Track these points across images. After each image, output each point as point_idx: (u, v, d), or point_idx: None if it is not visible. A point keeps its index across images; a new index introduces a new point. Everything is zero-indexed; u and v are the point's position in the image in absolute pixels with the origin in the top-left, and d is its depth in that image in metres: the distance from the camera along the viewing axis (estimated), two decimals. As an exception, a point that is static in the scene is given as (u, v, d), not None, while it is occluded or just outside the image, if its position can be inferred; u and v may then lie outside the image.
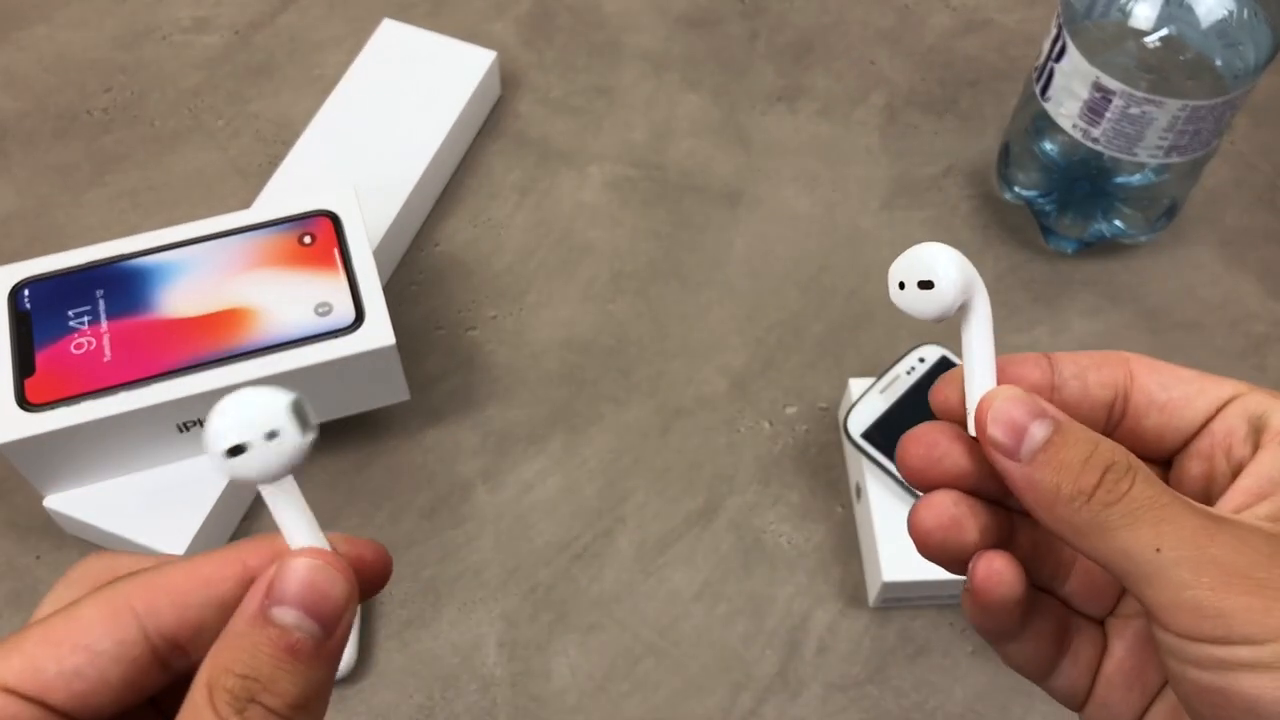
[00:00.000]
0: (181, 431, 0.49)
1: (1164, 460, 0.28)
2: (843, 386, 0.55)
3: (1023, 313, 0.60)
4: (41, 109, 0.66)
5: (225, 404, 0.22)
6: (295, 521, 0.23)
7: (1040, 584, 0.29)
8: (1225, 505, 0.25)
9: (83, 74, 0.67)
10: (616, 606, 0.51)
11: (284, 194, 0.59)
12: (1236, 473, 0.25)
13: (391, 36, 0.65)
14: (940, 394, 0.27)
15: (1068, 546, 0.24)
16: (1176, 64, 0.52)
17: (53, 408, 0.47)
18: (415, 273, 0.60)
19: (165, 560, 0.24)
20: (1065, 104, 0.54)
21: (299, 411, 0.22)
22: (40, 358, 0.48)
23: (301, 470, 0.22)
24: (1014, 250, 0.62)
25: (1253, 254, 0.62)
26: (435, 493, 0.53)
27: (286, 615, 0.22)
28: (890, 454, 0.50)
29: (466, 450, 0.54)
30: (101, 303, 0.50)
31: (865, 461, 0.51)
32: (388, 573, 0.25)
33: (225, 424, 0.22)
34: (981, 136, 0.66)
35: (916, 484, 0.27)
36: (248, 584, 0.23)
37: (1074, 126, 0.55)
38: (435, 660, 0.49)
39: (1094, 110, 0.53)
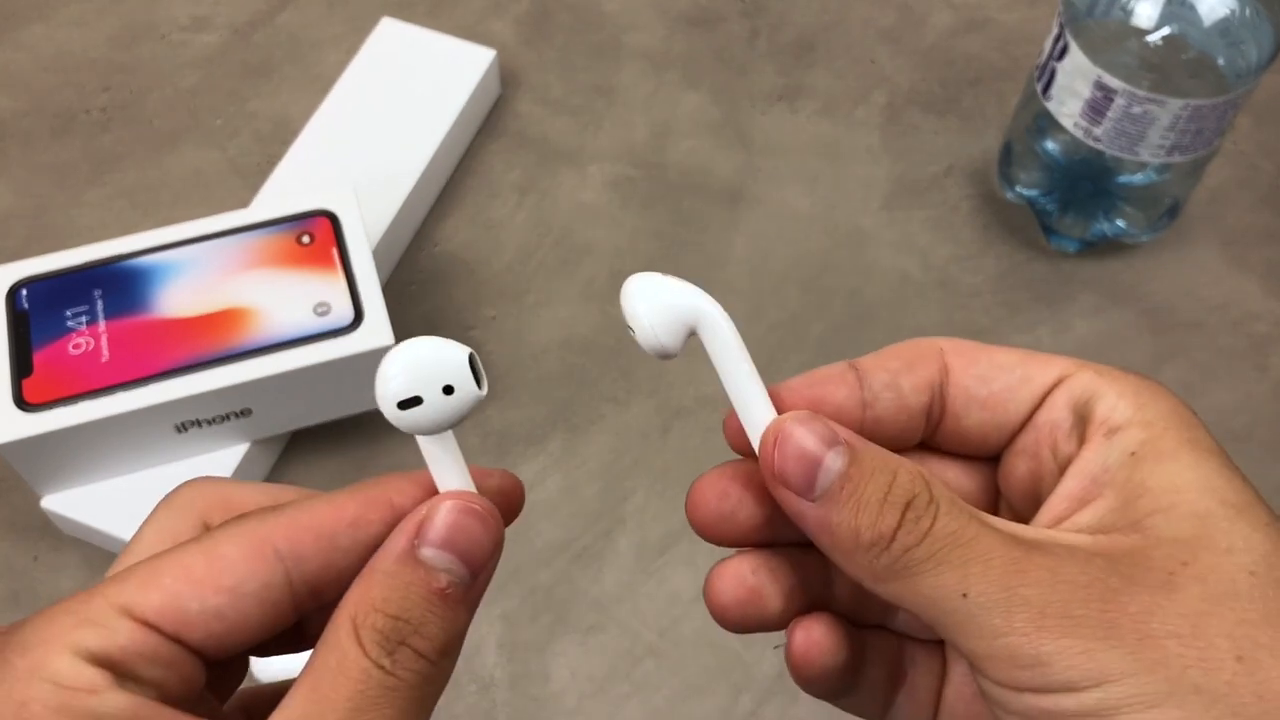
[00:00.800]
0: (180, 431, 0.49)
1: (993, 456, 0.26)
2: (843, 387, 0.55)
3: (1024, 313, 0.59)
4: (40, 108, 0.66)
5: (401, 354, 0.21)
6: (450, 470, 0.23)
7: (869, 622, 0.27)
8: (1046, 514, 0.23)
9: (81, 73, 0.67)
10: (616, 608, 0.51)
11: (282, 193, 0.59)
12: (1064, 469, 0.23)
13: (390, 35, 0.65)
14: (733, 425, 0.24)
15: (871, 593, 0.22)
16: (1178, 63, 0.52)
17: (50, 408, 0.47)
18: (414, 273, 0.60)
19: (305, 495, 0.23)
20: (1067, 103, 0.54)
21: (474, 367, 0.22)
22: (38, 358, 0.48)
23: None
24: (1015, 250, 0.62)
25: (1255, 254, 0.62)
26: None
27: (437, 557, 0.21)
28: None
29: (466, 450, 0.54)
30: (99, 302, 0.50)
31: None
32: (521, 503, 0.25)
33: (401, 376, 0.21)
34: (983, 136, 0.66)
35: (711, 540, 0.25)
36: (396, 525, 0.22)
37: (1076, 125, 0.54)
38: (434, 661, 0.49)
39: (1096, 109, 0.53)
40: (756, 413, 0.23)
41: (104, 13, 0.70)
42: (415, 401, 0.21)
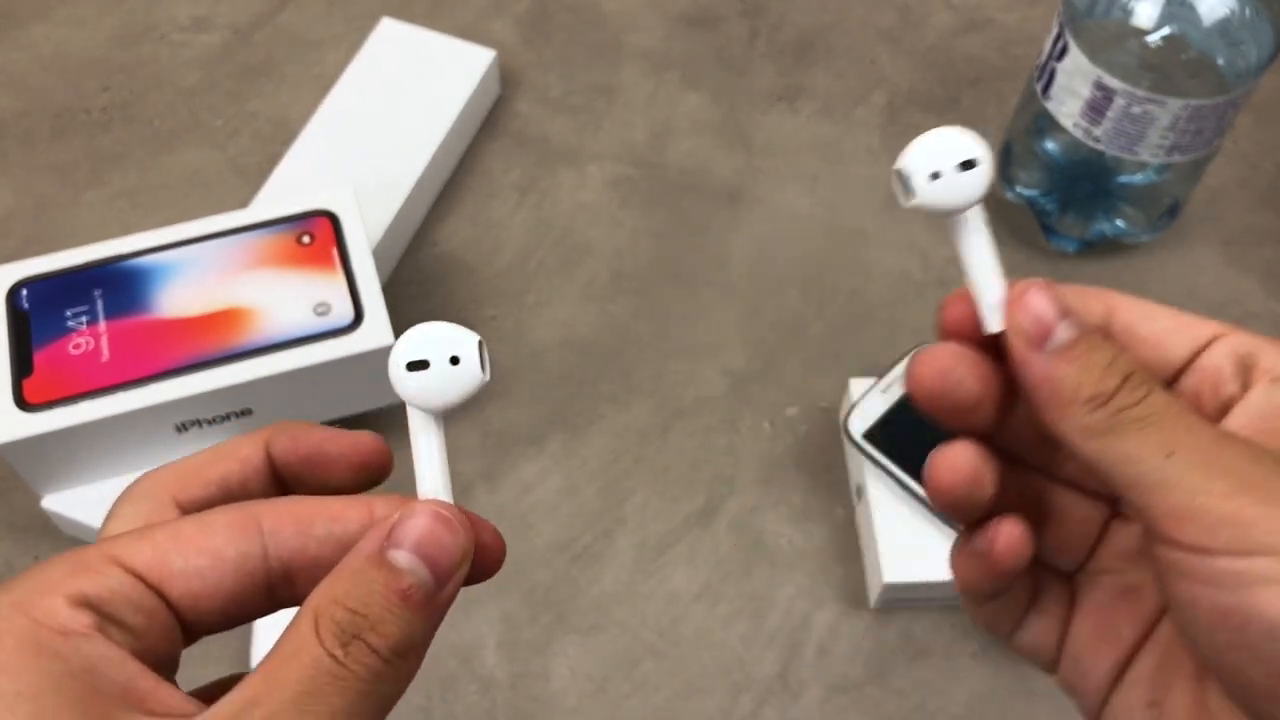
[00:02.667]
0: (180, 431, 0.49)
1: None
2: (843, 387, 0.55)
3: (1024, 312, 0.59)
4: (40, 108, 0.66)
5: (418, 326, 0.24)
6: (431, 468, 0.24)
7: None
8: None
9: (81, 73, 0.67)
10: (616, 607, 0.51)
11: (282, 193, 0.59)
12: (1225, 411, 0.24)
13: (390, 35, 0.65)
14: (954, 307, 0.26)
15: (1071, 451, 0.23)
16: (1178, 63, 0.52)
17: (51, 408, 0.47)
18: (414, 272, 0.60)
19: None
20: (1067, 103, 0.54)
21: (482, 352, 0.24)
22: (38, 358, 0.48)
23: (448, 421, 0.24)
24: (1015, 250, 0.62)
25: (1255, 253, 0.62)
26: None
27: (403, 559, 0.22)
28: (892, 455, 0.50)
29: (466, 450, 0.54)
30: (100, 302, 0.50)
31: (866, 462, 0.51)
32: (499, 562, 0.25)
33: (414, 339, 0.23)
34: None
35: (926, 407, 0.26)
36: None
37: (1075, 126, 0.54)
38: (434, 661, 0.49)
39: (1096, 109, 0.53)
40: (999, 281, 0.25)
41: (104, 13, 0.70)
42: (422, 365, 0.23)
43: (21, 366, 0.48)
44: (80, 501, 0.49)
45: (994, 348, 0.25)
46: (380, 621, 0.21)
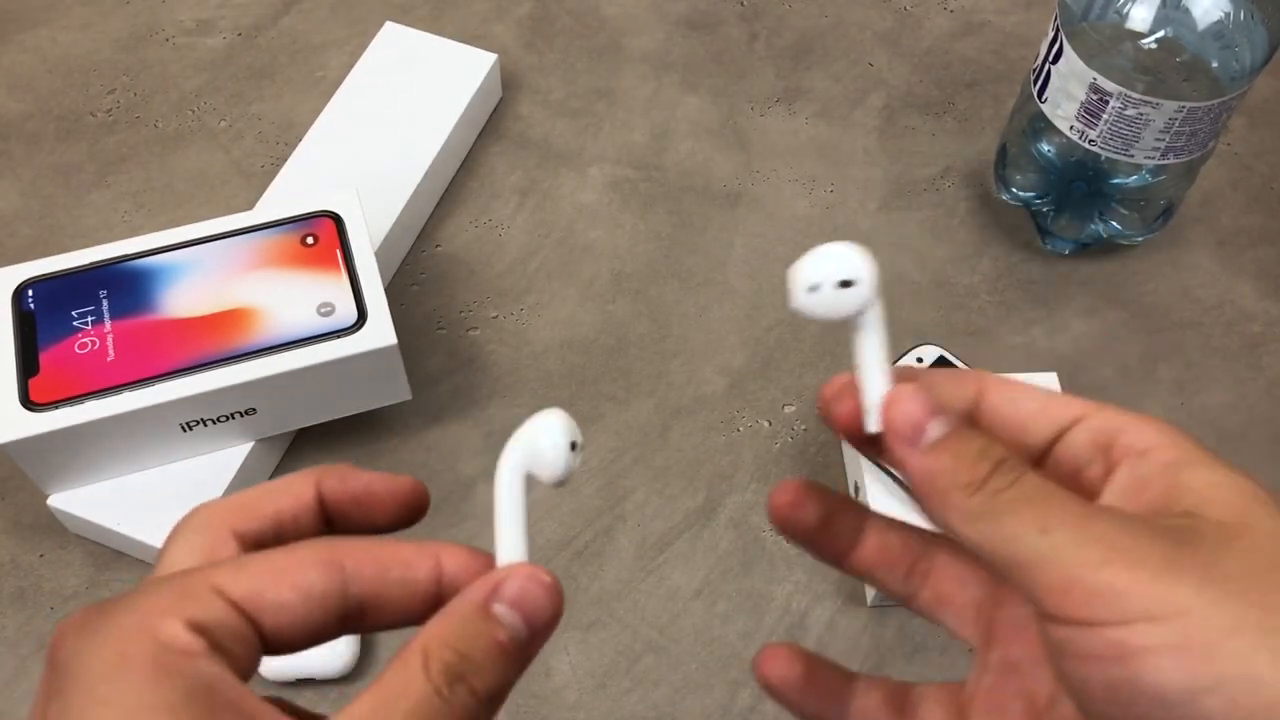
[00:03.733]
0: (185, 431, 0.49)
1: None
2: (841, 386, 0.56)
3: (1020, 313, 0.60)
4: (45, 110, 0.66)
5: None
6: (514, 529, 0.26)
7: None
8: None
9: (86, 75, 0.68)
10: (616, 604, 0.51)
11: (286, 195, 0.59)
12: (1090, 496, 0.25)
13: (393, 39, 0.66)
14: (844, 404, 0.28)
15: (956, 540, 0.25)
16: (1173, 66, 0.52)
17: (56, 407, 0.47)
18: (417, 273, 0.61)
19: (378, 540, 0.26)
20: (1062, 105, 0.55)
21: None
22: (44, 357, 0.48)
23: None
24: (1011, 251, 0.62)
25: (1249, 254, 0.63)
26: (437, 492, 0.53)
27: (505, 614, 0.24)
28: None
29: (468, 449, 0.55)
30: (105, 303, 0.50)
31: (863, 460, 0.51)
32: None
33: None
34: (979, 138, 0.67)
35: (782, 533, 0.30)
36: (437, 579, 0.25)
37: (1071, 128, 0.55)
38: (437, 658, 0.49)
39: (1091, 112, 0.54)
40: (884, 381, 0.27)
41: (109, 16, 0.71)
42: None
43: (27, 366, 0.48)
44: (86, 500, 0.50)
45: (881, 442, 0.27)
46: (481, 667, 0.23)
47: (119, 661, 0.21)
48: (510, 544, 0.26)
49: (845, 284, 0.26)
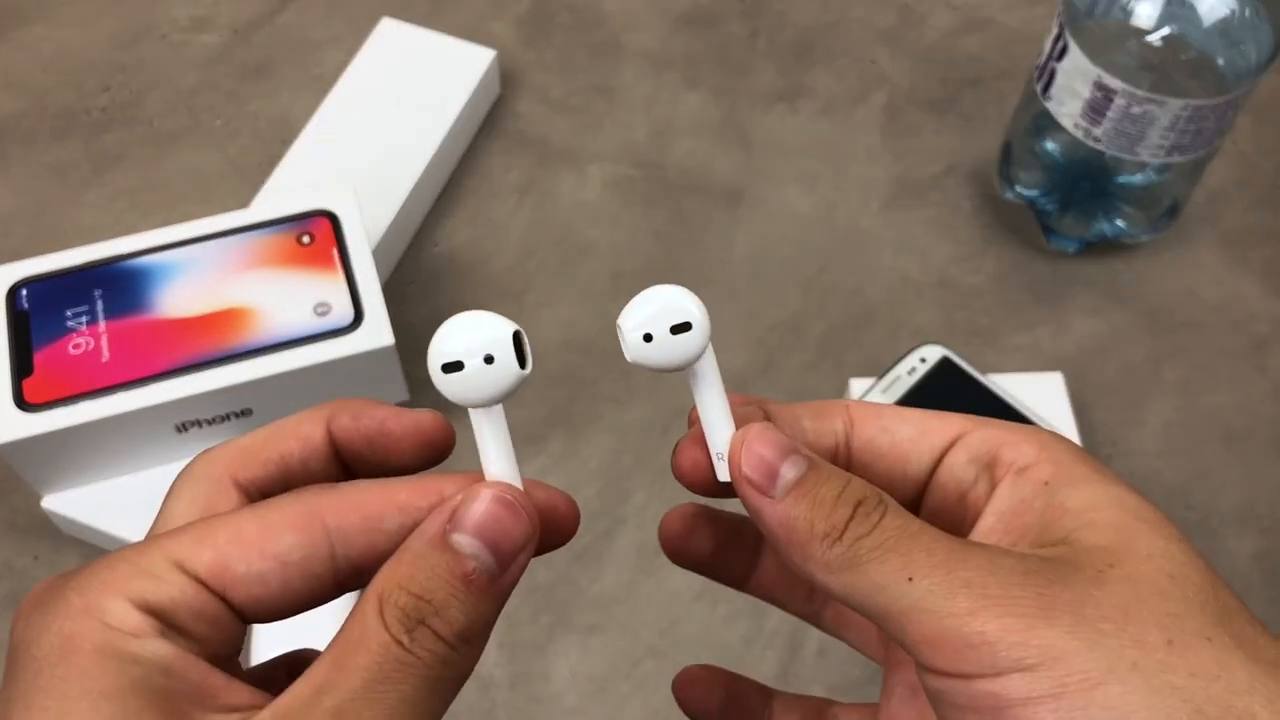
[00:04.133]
0: (180, 431, 0.49)
1: (908, 504, 0.26)
2: (844, 386, 0.55)
3: (1024, 313, 0.59)
4: (40, 108, 0.66)
5: (451, 322, 0.23)
6: (496, 452, 0.24)
7: (793, 610, 0.30)
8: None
9: (81, 73, 0.67)
10: (616, 608, 0.51)
11: (283, 194, 0.59)
12: (976, 516, 0.24)
13: (390, 35, 0.65)
14: (687, 456, 0.25)
15: (821, 590, 0.23)
16: (1178, 63, 0.52)
17: (51, 408, 0.47)
18: (414, 272, 0.60)
19: (359, 484, 0.24)
20: (1067, 103, 0.54)
21: (519, 344, 0.23)
22: (38, 358, 0.48)
23: (509, 402, 0.24)
24: (1015, 250, 0.62)
25: (1255, 253, 0.62)
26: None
27: (466, 543, 0.22)
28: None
29: (466, 449, 0.54)
30: (100, 303, 0.50)
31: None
32: (574, 528, 0.26)
33: (445, 341, 0.23)
34: (983, 136, 0.66)
35: (677, 563, 0.29)
36: None
37: (1075, 126, 0.54)
38: (434, 661, 0.49)
39: (1096, 109, 0.53)
40: (727, 426, 0.25)
41: (105, 13, 0.70)
42: (457, 366, 0.23)
43: (21, 366, 0.48)
44: (80, 501, 0.49)
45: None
46: (445, 606, 0.21)
47: (63, 645, 0.20)
48: (494, 465, 0.24)
49: (681, 328, 0.24)
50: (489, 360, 0.23)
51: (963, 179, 0.65)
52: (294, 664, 0.27)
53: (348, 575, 0.23)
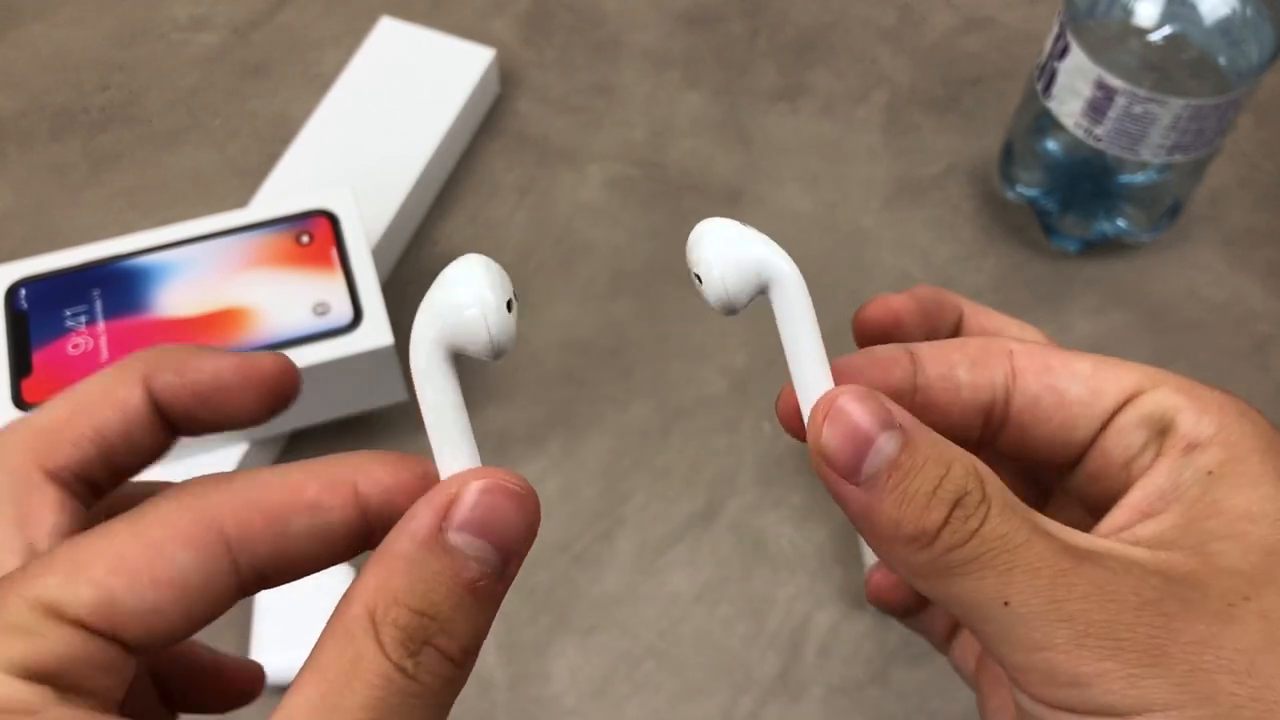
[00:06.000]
0: (178, 432, 0.49)
1: (1067, 465, 0.24)
2: (844, 387, 0.55)
3: (1025, 313, 0.59)
4: (38, 107, 0.66)
5: (476, 263, 0.20)
6: (452, 425, 0.20)
7: None
8: (1108, 523, 0.21)
9: (80, 72, 0.67)
10: (616, 609, 0.50)
11: (281, 193, 0.59)
12: (1134, 483, 0.22)
13: (389, 34, 0.65)
14: (787, 403, 0.23)
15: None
16: (1180, 62, 0.52)
17: (48, 408, 0.46)
18: (414, 272, 0.60)
19: (254, 471, 0.20)
20: (1068, 103, 0.54)
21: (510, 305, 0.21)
22: (37, 358, 0.48)
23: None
24: (1016, 249, 0.62)
25: (1257, 254, 0.62)
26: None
27: (467, 543, 0.19)
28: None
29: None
30: (98, 302, 0.49)
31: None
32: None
33: (484, 279, 0.21)
34: (983, 135, 0.66)
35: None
36: (361, 513, 0.20)
37: (1076, 125, 0.54)
38: (434, 662, 0.49)
39: (1097, 109, 0.53)
40: (813, 382, 0.21)
41: (103, 12, 0.70)
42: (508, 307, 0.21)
43: (20, 367, 0.47)
44: (78, 502, 0.49)
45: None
46: (451, 621, 0.18)
47: None
48: (452, 448, 0.20)
49: (698, 277, 0.21)
50: (509, 307, 0.21)
51: (963, 179, 0.64)
52: (163, 676, 0.23)
53: (251, 583, 0.19)
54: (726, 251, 0.21)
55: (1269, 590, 0.19)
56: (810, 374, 0.22)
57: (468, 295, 0.21)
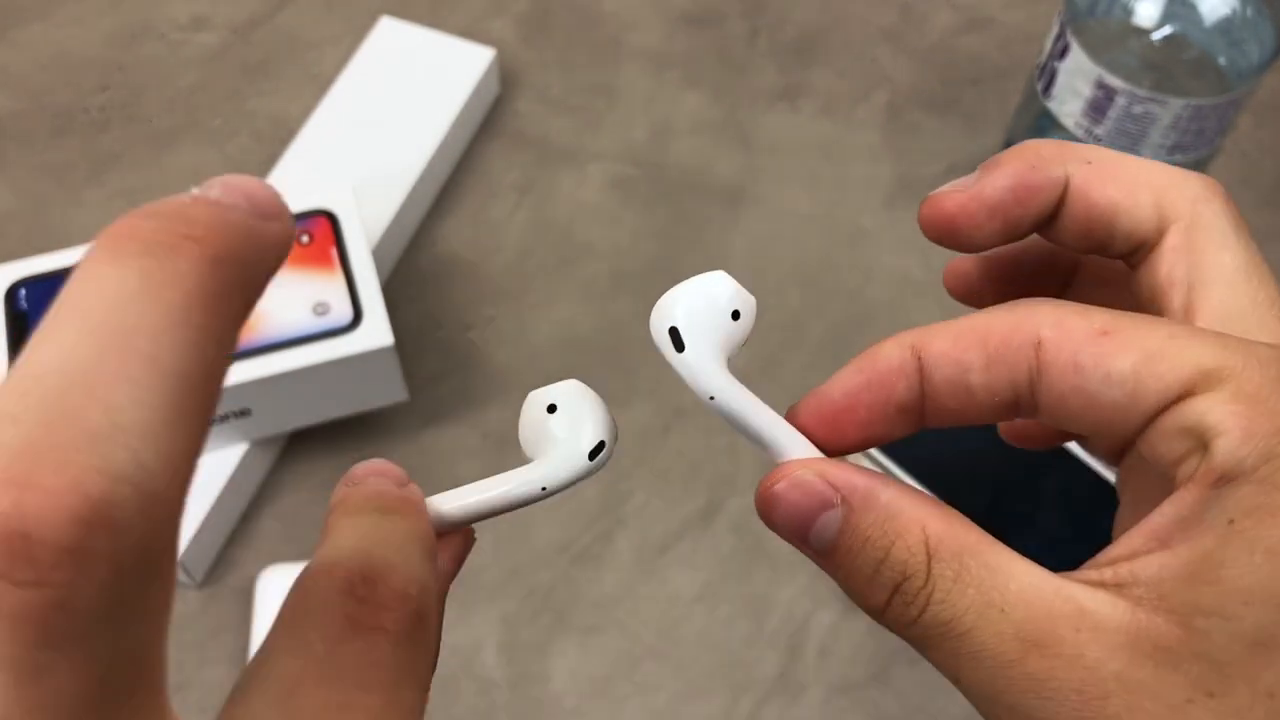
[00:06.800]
0: (178, 432, 0.49)
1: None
2: (844, 387, 0.55)
3: (1025, 312, 0.59)
4: (38, 108, 0.66)
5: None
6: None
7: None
8: (1118, 547, 0.19)
9: (79, 72, 0.67)
10: (616, 608, 0.50)
11: (281, 193, 0.59)
12: (1169, 491, 0.20)
13: (389, 34, 0.65)
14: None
15: None
16: (1180, 62, 0.52)
17: (48, 408, 0.46)
18: (414, 272, 0.60)
19: None
20: (1068, 103, 0.54)
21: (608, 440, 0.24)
22: (36, 358, 0.48)
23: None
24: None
25: (1256, 253, 0.62)
26: (434, 493, 0.52)
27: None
28: (892, 456, 0.50)
29: (465, 451, 0.54)
30: (98, 303, 0.49)
31: (867, 462, 0.51)
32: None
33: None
34: (984, 135, 0.66)
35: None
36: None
37: (1077, 125, 0.54)
38: (434, 663, 0.49)
39: (1097, 109, 0.53)
40: (773, 449, 0.23)
41: (103, 12, 0.70)
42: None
43: (19, 367, 0.47)
44: (78, 502, 0.49)
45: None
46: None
47: None
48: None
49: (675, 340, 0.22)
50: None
51: (963, 178, 0.64)
52: None
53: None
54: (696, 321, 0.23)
55: (1237, 689, 0.17)
56: (770, 441, 0.23)
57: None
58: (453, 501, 0.23)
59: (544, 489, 0.23)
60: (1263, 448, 0.18)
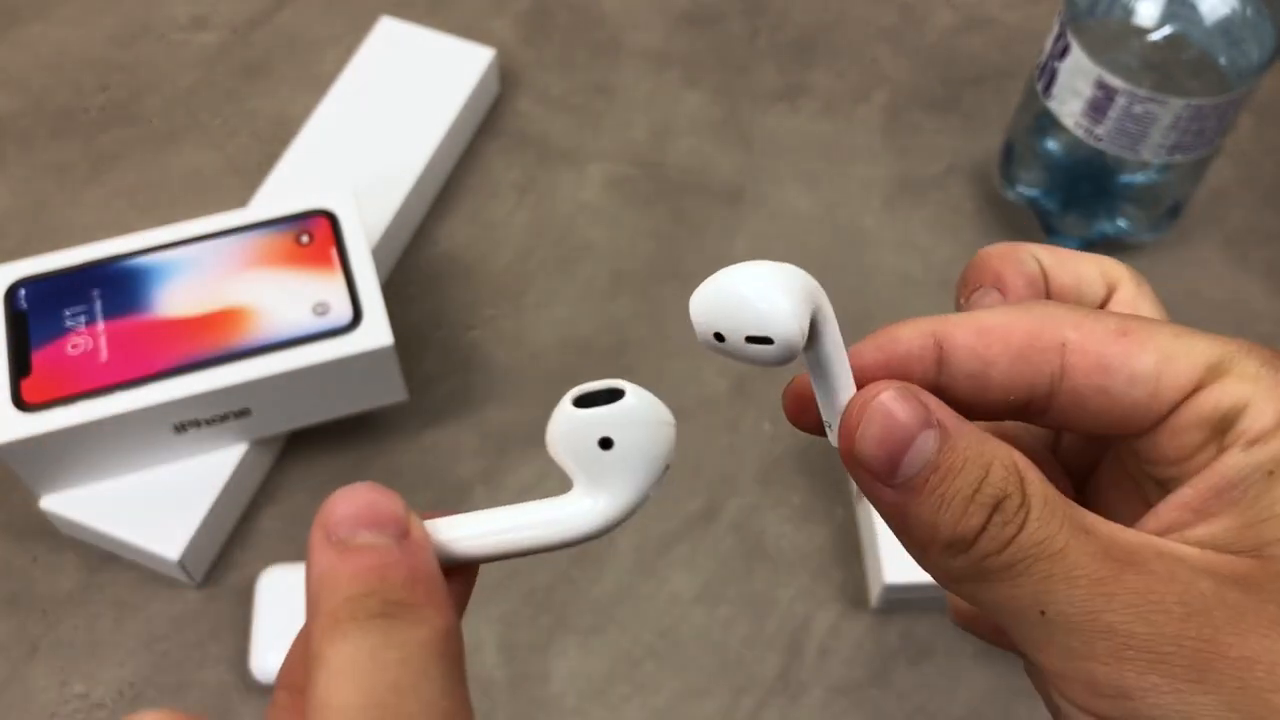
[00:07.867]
0: (178, 432, 0.49)
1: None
2: (844, 387, 0.55)
3: (1025, 312, 0.59)
4: (38, 108, 0.66)
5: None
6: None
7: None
8: (1154, 521, 0.20)
9: (79, 72, 0.67)
10: (616, 609, 0.50)
11: (281, 193, 0.59)
12: (1189, 476, 0.20)
13: (389, 34, 0.65)
14: (795, 395, 0.22)
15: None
16: (1180, 62, 0.52)
17: (49, 408, 0.46)
18: (413, 272, 0.60)
19: None
20: (1068, 102, 0.54)
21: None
22: (36, 358, 0.48)
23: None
24: (1016, 249, 0.62)
25: (1257, 253, 0.62)
26: (434, 494, 0.52)
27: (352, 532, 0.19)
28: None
29: (465, 451, 0.54)
30: (98, 302, 0.49)
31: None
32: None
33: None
34: (984, 135, 0.66)
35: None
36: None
37: (1077, 125, 0.54)
38: (434, 663, 0.49)
39: (1097, 109, 0.53)
40: (840, 381, 0.20)
41: (103, 12, 0.70)
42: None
43: (19, 367, 0.47)
44: (78, 502, 0.49)
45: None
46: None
47: None
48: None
49: (757, 340, 0.19)
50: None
51: (964, 178, 0.64)
52: None
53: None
54: (793, 299, 0.20)
55: None
56: (835, 371, 0.20)
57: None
58: (465, 539, 0.21)
59: (579, 539, 0.21)
60: (1273, 417, 0.19)
